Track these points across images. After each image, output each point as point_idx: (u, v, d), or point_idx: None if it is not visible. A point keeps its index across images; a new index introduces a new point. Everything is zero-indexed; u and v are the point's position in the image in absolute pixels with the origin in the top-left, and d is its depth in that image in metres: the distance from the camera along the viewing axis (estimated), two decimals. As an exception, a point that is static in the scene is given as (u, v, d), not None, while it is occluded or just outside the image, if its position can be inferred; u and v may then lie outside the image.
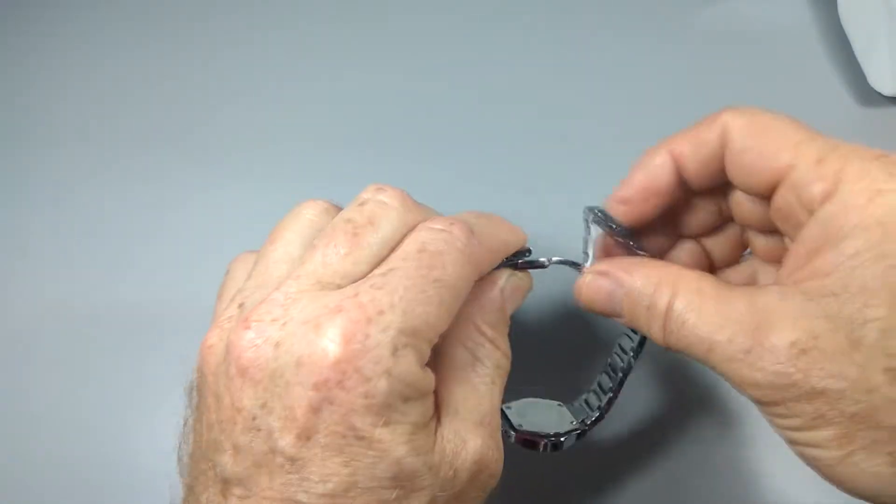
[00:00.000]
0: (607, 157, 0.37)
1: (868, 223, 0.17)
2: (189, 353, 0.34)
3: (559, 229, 0.29)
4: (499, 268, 0.23)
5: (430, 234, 0.20)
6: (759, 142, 0.20)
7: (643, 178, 0.22)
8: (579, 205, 0.25)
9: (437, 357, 0.22)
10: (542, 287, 0.27)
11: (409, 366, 0.18)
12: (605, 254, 0.24)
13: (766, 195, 0.20)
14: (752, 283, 0.24)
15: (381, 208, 0.21)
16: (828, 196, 0.18)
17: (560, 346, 0.33)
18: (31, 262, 0.37)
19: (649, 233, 0.24)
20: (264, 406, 0.18)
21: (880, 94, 0.39)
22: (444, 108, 0.41)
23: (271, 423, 0.18)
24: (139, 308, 0.36)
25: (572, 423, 0.25)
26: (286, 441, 0.18)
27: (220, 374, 0.20)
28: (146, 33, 0.45)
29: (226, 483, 0.19)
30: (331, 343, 0.18)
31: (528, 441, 0.24)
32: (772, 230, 0.22)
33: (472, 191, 0.38)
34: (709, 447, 0.31)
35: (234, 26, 0.45)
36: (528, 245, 0.24)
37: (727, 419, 0.32)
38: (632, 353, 0.24)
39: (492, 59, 0.43)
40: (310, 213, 0.23)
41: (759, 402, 0.19)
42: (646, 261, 0.22)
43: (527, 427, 0.24)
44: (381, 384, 0.18)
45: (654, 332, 0.21)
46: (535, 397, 0.26)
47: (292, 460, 0.18)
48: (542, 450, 0.24)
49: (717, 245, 0.25)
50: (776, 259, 0.23)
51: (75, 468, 0.32)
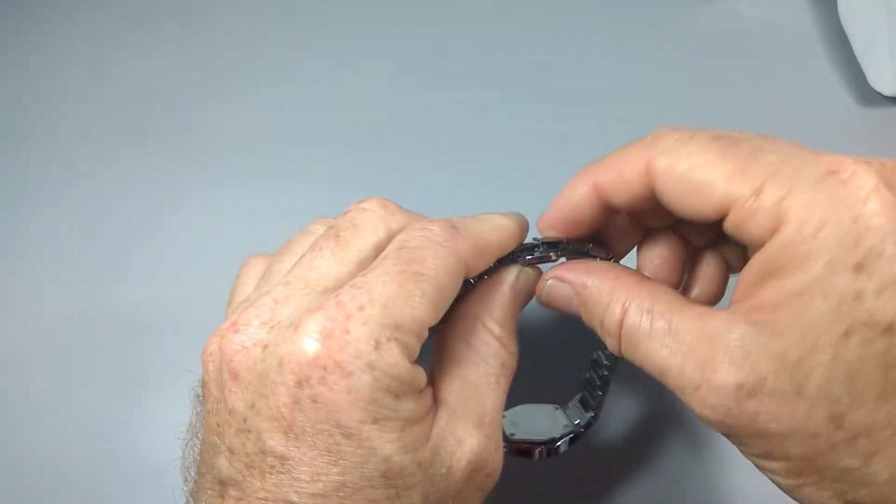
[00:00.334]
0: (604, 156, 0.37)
1: (813, 260, 0.16)
2: (188, 353, 0.34)
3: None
4: (508, 265, 0.23)
5: (409, 233, 0.21)
6: (689, 184, 0.18)
7: (565, 209, 0.22)
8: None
9: (440, 354, 0.22)
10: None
11: (394, 359, 0.18)
12: None
13: (713, 223, 0.19)
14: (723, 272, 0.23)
15: (362, 213, 0.22)
16: (772, 231, 0.17)
17: (557, 343, 0.33)
18: (31, 262, 0.37)
19: (616, 229, 0.24)
20: (252, 407, 0.18)
21: (880, 94, 0.39)
22: (444, 109, 0.41)
23: (260, 424, 0.18)
24: (139, 308, 0.36)
25: (566, 426, 0.25)
26: (275, 440, 0.18)
27: (217, 379, 0.20)
28: (146, 33, 0.45)
29: (222, 485, 0.19)
30: (310, 340, 0.18)
31: (521, 450, 0.24)
32: None
33: (472, 191, 0.38)
34: (704, 445, 0.31)
35: (235, 26, 0.46)
36: (539, 239, 0.23)
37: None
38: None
39: (492, 60, 0.43)
40: (319, 229, 0.24)
41: (717, 431, 0.19)
42: (603, 269, 0.21)
43: (519, 435, 0.24)
44: (364, 378, 0.18)
45: (611, 346, 0.21)
46: (530, 402, 0.26)
47: (282, 460, 0.18)
48: (536, 458, 0.24)
49: (693, 228, 0.23)
50: None
51: (74, 468, 0.32)
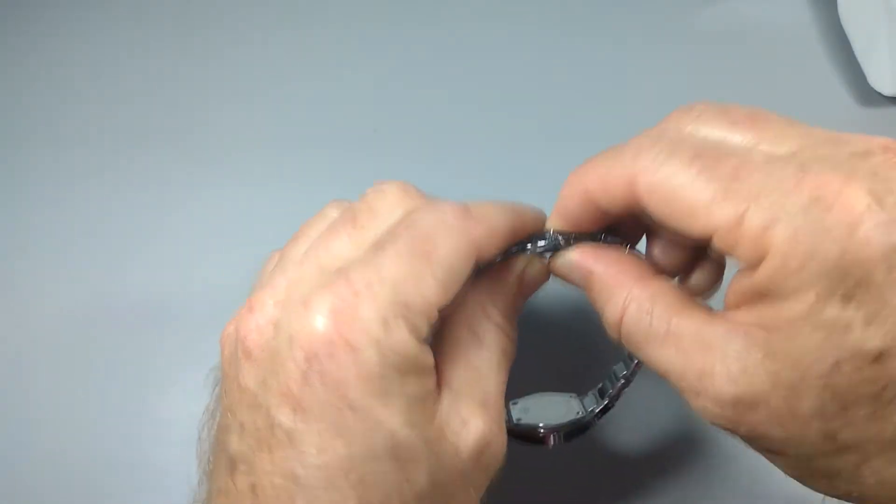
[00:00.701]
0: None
1: (802, 291, 0.16)
2: (187, 353, 0.34)
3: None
4: (518, 254, 0.23)
5: (420, 214, 0.21)
6: (672, 209, 0.18)
7: (566, 216, 0.22)
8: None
9: (443, 337, 0.22)
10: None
11: (402, 337, 0.18)
12: None
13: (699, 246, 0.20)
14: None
15: (380, 196, 0.22)
16: (758, 259, 0.17)
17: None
18: (30, 262, 0.37)
19: (625, 221, 0.23)
20: (263, 383, 0.19)
21: (880, 94, 0.39)
22: (444, 109, 0.41)
23: (270, 400, 0.18)
24: (139, 307, 0.36)
25: (578, 413, 0.24)
26: (283, 415, 0.18)
27: (233, 360, 0.20)
28: (146, 33, 0.45)
29: (232, 462, 0.19)
30: (319, 316, 0.18)
31: (526, 435, 0.24)
32: None
33: (472, 191, 0.38)
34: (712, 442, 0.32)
35: (235, 26, 0.46)
36: (551, 229, 0.23)
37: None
38: None
39: (492, 60, 0.43)
40: (334, 213, 0.23)
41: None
42: (611, 259, 0.21)
43: (527, 421, 0.24)
44: (371, 354, 0.18)
45: (612, 338, 0.21)
46: (548, 391, 0.25)
47: (289, 434, 0.18)
48: (544, 444, 0.24)
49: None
50: None
51: (74, 467, 0.32)
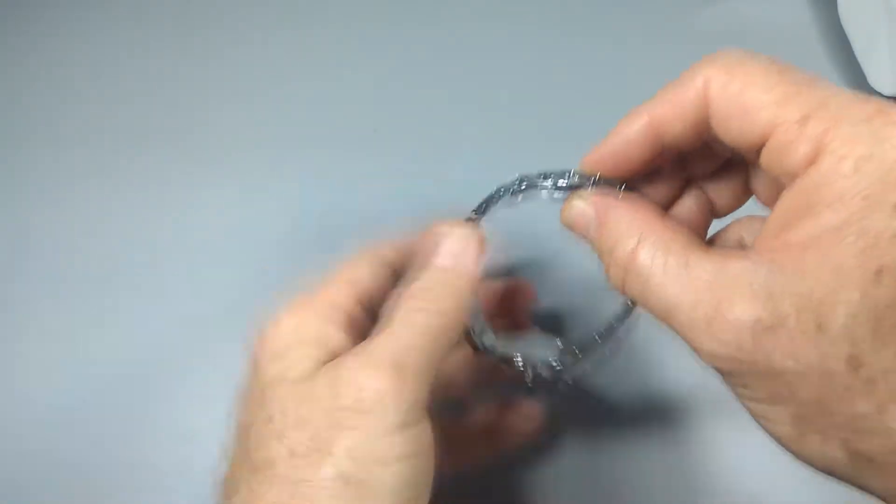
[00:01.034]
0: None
1: (851, 195, 0.16)
2: (186, 351, 0.34)
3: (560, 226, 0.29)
4: (530, 190, 0.23)
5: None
6: (739, 103, 0.18)
7: (617, 144, 0.21)
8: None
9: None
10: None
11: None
12: None
13: (754, 152, 0.19)
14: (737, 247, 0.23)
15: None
16: (810, 162, 0.17)
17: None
18: (30, 262, 0.37)
19: (650, 177, 0.23)
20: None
21: (880, 94, 0.39)
22: (444, 109, 0.41)
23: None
24: (138, 306, 0.36)
25: (561, 351, 0.25)
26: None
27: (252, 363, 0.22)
28: (146, 34, 0.45)
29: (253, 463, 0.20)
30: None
31: (505, 360, 0.24)
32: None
33: (471, 190, 0.38)
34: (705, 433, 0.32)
35: (235, 26, 0.45)
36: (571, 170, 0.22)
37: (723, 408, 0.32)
38: None
39: (491, 60, 0.43)
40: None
41: (719, 372, 0.18)
42: (631, 202, 0.21)
43: (508, 351, 0.24)
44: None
45: (613, 279, 0.20)
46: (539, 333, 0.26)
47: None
48: (521, 377, 0.24)
49: (720, 190, 0.23)
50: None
51: (73, 467, 0.32)
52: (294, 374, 0.20)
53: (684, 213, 0.24)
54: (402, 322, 0.21)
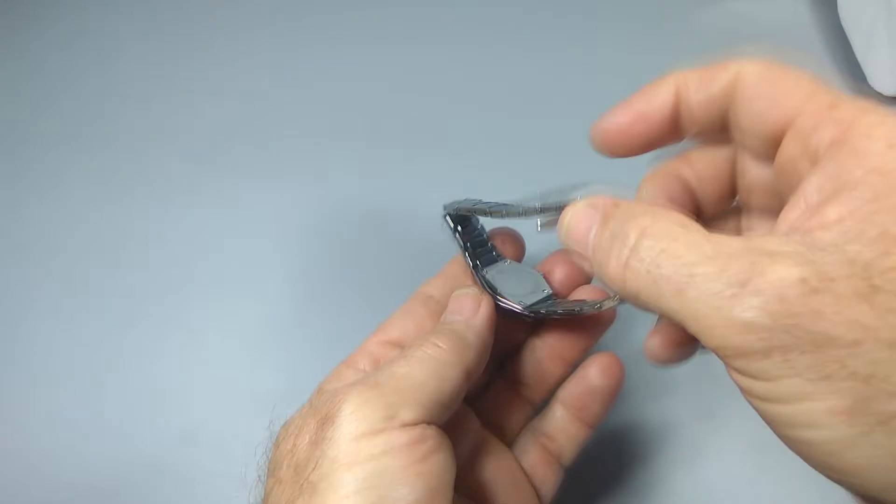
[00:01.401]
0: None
1: (887, 168, 0.15)
2: (184, 350, 0.34)
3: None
4: (550, 212, 0.22)
5: None
6: (770, 88, 0.18)
7: (641, 103, 0.20)
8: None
9: None
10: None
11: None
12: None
13: (772, 146, 0.19)
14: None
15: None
16: (837, 142, 0.16)
17: None
18: (29, 260, 0.37)
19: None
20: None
21: (880, 93, 0.39)
22: (444, 109, 0.41)
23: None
24: (138, 305, 0.36)
25: (544, 291, 0.25)
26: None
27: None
28: (146, 34, 0.45)
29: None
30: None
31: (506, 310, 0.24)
32: (772, 199, 0.20)
33: (470, 190, 0.38)
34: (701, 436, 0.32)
35: (235, 27, 0.46)
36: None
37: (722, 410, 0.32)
38: None
39: (492, 61, 0.43)
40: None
41: (745, 356, 0.15)
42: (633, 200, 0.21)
43: (503, 291, 0.24)
44: None
45: (613, 265, 0.17)
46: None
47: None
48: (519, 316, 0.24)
49: (707, 196, 0.22)
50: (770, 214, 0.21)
51: (74, 466, 0.32)
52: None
53: None
54: (396, 356, 0.21)
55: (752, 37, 0.43)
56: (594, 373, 0.25)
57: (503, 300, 0.24)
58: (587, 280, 0.26)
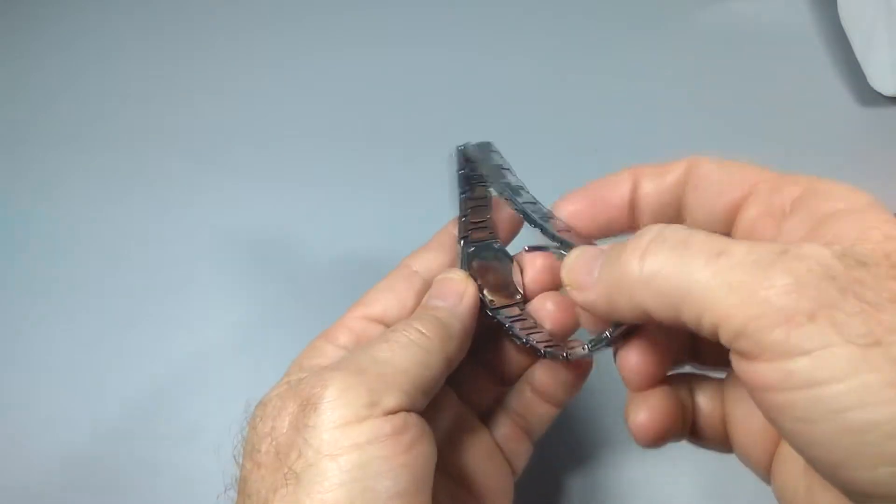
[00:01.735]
0: (606, 155, 0.37)
1: (859, 204, 0.16)
2: (181, 351, 0.34)
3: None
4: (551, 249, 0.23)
5: None
6: (723, 171, 0.20)
7: (602, 189, 0.22)
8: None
9: None
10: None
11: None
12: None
13: (727, 219, 0.20)
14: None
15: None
16: (803, 196, 0.17)
17: None
18: (30, 263, 0.37)
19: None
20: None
21: (880, 94, 0.39)
22: (445, 109, 0.41)
23: None
24: (137, 304, 0.36)
25: (517, 297, 0.24)
26: None
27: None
28: (146, 34, 0.45)
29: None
30: None
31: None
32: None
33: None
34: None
35: (236, 27, 0.46)
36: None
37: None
38: None
39: (492, 61, 0.43)
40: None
41: (787, 321, 0.13)
42: None
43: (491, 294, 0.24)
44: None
45: (627, 256, 0.17)
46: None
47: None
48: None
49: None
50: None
51: (73, 467, 0.32)
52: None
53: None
54: (378, 339, 0.21)
55: (752, 37, 0.43)
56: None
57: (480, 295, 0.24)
58: (555, 286, 0.25)
